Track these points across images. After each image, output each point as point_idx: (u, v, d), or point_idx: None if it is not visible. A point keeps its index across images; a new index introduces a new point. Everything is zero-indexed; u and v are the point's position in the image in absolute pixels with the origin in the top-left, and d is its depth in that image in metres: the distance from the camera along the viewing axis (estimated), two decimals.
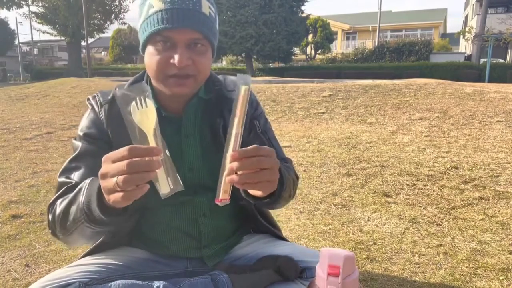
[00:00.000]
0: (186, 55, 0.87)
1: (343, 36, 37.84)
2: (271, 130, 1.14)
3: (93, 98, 1.01)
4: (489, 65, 16.17)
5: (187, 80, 0.90)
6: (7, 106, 7.55)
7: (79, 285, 0.88)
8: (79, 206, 0.82)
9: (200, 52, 0.90)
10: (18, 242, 1.89)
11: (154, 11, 0.86)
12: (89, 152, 0.96)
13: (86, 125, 0.99)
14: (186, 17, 0.86)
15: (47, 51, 48.68)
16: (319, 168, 3.16)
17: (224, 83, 1.07)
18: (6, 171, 3.18)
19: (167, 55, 0.87)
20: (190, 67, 0.88)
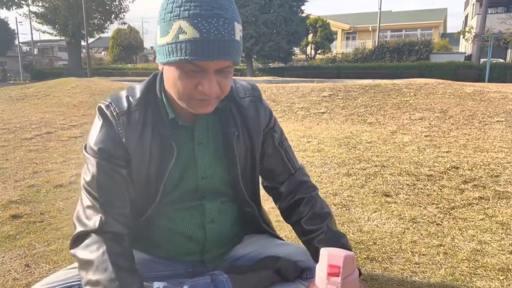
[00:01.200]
0: (214, 81, 0.84)
1: (343, 36, 37.83)
2: (286, 139, 1.15)
3: (107, 107, 0.93)
4: (489, 65, 16.17)
5: (212, 100, 0.87)
6: (7, 106, 7.55)
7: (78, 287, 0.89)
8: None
9: (226, 75, 0.86)
10: (18, 242, 1.89)
11: (186, 39, 0.79)
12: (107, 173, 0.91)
13: (100, 139, 0.92)
14: (221, 49, 0.80)
15: (47, 51, 48.67)
16: (319, 168, 3.16)
17: (235, 88, 1.04)
18: (6, 171, 3.18)
19: (195, 80, 0.83)
20: (217, 91, 0.86)
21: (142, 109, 0.93)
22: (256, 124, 1.02)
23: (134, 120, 0.92)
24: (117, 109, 0.93)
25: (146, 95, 0.95)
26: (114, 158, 0.92)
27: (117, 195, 0.91)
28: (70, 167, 3.29)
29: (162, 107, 0.94)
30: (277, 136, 1.09)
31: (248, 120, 1.01)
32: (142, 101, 0.94)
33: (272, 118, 1.10)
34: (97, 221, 0.88)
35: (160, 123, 0.93)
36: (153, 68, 26.02)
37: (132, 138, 0.92)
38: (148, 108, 0.94)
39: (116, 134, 0.92)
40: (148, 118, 0.93)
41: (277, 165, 1.10)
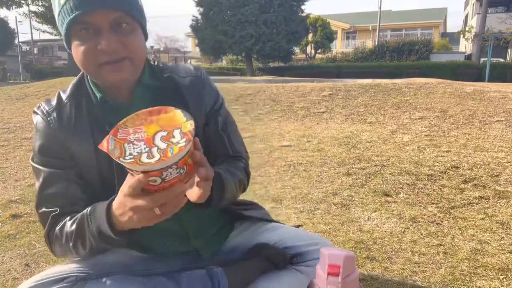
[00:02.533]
0: (113, 38, 0.80)
1: (343, 35, 37.82)
2: (232, 123, 1.09)
3: (38, 108, 0.94)
4: (489, 65, 16.17)
5: (122, 63, 0.83)
6: (7, 105, 7.54)
7: (76, 278, 0.90)
8: (91, 236, 0.83)
9: (127, 32, 0.83)
10: (18, 241, 1.89)
11: (64, 1, 0.79)
12: (56, 176, 0.90)
13: (40, 143, 0.91)
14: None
15: (47, 50, 48.65)
16: (319, 167, 3.16)
17: (176, 69, 1.01)
18: (6, 170, 3.18)
19: (92, 42, 0.81)
20: (121, 50, 0.82)
21: (74, 100, 0.92)
22: (197, 104, 0.99)
23: (66, 113, 0.91)
24: (46, 107, 0.93)
25: (77, 85, 0.95)
26: (57, 158, 0.91)
27: (71, 202, 0.91)
28: None
29: (91, 92, 0.92)
30: (221, 120, 1.05)
31: (188, 100, 0.97)
32: (73, 93, 0.94)
33: (218, 100, 1.05)
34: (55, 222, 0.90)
35: (93, 110, 0.91)
36: None
37: (67, 131, 0.90)
38: (82, 98, 0.93)
39: (51, 132, 0.90)
40: (82, 108, 0.91)
41: (216, 148, 1.04)
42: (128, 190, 0.70)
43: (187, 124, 0.72)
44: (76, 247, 0.87)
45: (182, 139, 0.69)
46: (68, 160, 0.91)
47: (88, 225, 0.82)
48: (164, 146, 0.69)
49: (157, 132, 0.71)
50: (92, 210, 0.83)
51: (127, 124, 0.73)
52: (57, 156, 0.91)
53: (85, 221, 0.83)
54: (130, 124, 0.73)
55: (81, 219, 0.84)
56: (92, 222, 0.82)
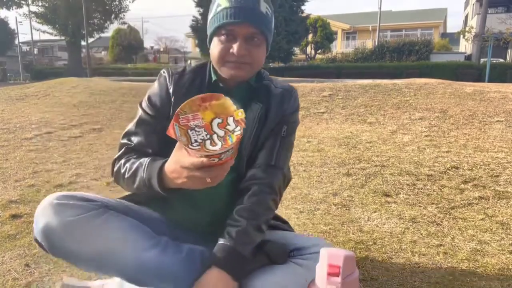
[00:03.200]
0: (244, 46, 1.04)
1: (343, 35, 37.82)
2: (291, 141, 1.23)
3: (166, 69, 1.20)
4: (489, 65, 16.17)
5: (243, 65, 1.06)
6: (7, 106, 7.55)
7: (101, 205, 1.04)
8: (141, 180, 1.03)
9: (256, 44, 1.06)
10: (18, 241, 1.89)
11: (220, 9, 1.05)
12: (147, 122, 1.14)
13: (152, 93, 1.16)
14: (246, 14, 1.02)
15: (47, 51, 48.66)
16: (319, 168, 3.16)
17: (273, 81, 1.23)
18: (6, 171, 3.18)
19: (228, 45, 1.05)
20: (246, 56, 1.05)
21: (192, 74, 1.17)
22: (277, 108, 1.17)
23: (183, 80, 1.15)
24: (172, 70, 1.19)
25: (200, 67, 1.20)
26: (157, 110, 1.14)
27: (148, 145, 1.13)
28: (70, 167, 3.29)
29: (208, 74, 1.16)
30: (285, 129, 1.19)
31: (272, 105, 1.16)
32: (195, 70, 1.19)
33: (294, 113, 1.21)
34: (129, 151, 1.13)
35: (203, 86, 1.15)
36: (153, 68, 25.97)
37: (177, 91, 1.13)
38: (198, 75, 1.17)
39: (166, 86, 1.15)
40: (196, 82, 1.16)
41: (265, 149, 1.16)
42: (189, 164, 0.85)
43: (238, 112, 0.85)
44: (128, 180, 1.08)
45: (237, 127, 0.83)
46: (163, 114, 1.13)
47: (143, 171, 1.02)
48: (223, 134, 0.82)
49: (214, 119, 0.84)
50: (151, 162, 1.03)
51: (185, 111, 0.86)
52: (158, 107, 1.14)
53: (142, 168, 1.04)
54: (188, 110, 0.86)
55: (140, 163, 1.05)
56: (146, 172, 1.02)
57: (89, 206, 1.00)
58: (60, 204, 1.00)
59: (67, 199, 1.01)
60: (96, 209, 1.01)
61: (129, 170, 1.07)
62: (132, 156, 1.11)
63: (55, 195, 1.03)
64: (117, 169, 1.12)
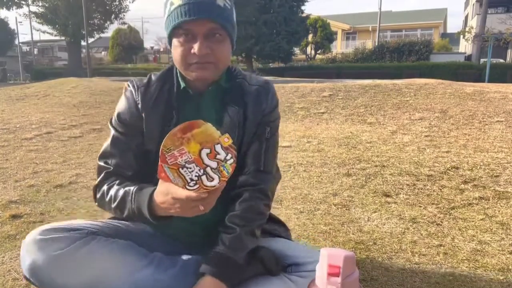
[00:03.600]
0: (205, 44, 0.97)
1: (343, 36, 37.83)
2: (275, 141, 1.19)
3: (131, 82, 1.14)
4: (489, 65, 16.17)
5: (208, 65, 1.00)
6: (7, 106, 7.55)
7: (87, 232, 1.00)
8: (130, 210, 1.00)
9: (218, 41, 0.99)
10: (18, 242, 1.89)
11: (174, 8, 0.97)
12: (120, 141, 1.10)
13: (121, 109, 1.11)
14: (201, 9, 0.95)
15: (47, 51, 48.66)
16: (319, 168, 3.16)
17: (248, 76, 1.16)
18: (6, 171, 3.18)
19: (188, 46, 0.99)
20: (210, 55, 0.99)
21: (160, 83, 1.11)
22: (255, 109, 1.11)
23: (150, 92, 1.09)
24: (138, 82, 1.13)
25: (166, 72, 1.13)
26: (129, 127, 1.09)
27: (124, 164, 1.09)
28: (70, 167, 3.29)
29: (176, 81, 1.10)
30: (269, 130, 1.15)
31: (248, 103, 1.10)
32: (161, 77, 1.12)
33: (274, 112, 1.16)
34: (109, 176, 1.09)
35: (172, 94, 1.09)
36: (153, 68, 25.98)
37: (146, 105, 1.08)
38: (166, 82, 1.11)
39: (134, 102, 1.09)
40: (164, 91, 1.10)
41: (252, 153, 1.12)
42: (185, 197, 0.83)
43: (224, 138, 0.82)
44: (116, 210, 1.04)
45: (228, 155, 0.81)
46: (135, 130, 1.09)
47: (131, 200, 0.99)
48: (216, 165, 0.80)
49: (201, 150, 0.81)
50: (137, 191, 0.99)
51: (169, 147, 0.82)
52: (129, 124, 1.09)
53: (129, 196, 1.00)
54: (171, 145, 0.82)
55: (127, 192, 1.01)
56: (134, 202, 0.99)
57: (74, 236, 0.97)
58: (43, 240, 0.96)
59: (50, 232, 0.97)
60: (82, 238, 0.97)
61: (115, 199, 1.03)
62: (113, 181, 1.07)
63: (38, 230, 0.98)
64: (100, 197, 1.08)
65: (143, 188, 0.99)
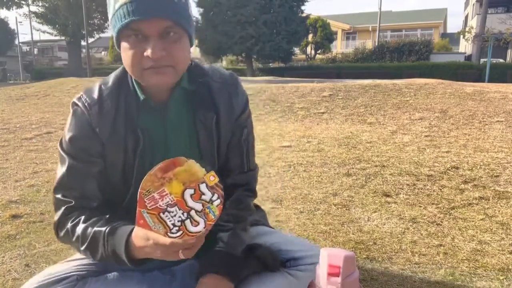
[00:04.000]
0: (159, 46, 0.83)
1: (343, 36, 37.82)
2: (252, 135, 1.13)
3: (79, 99, 0.96)
4: (489, 65, 16.17)
5: (166, 69, 0.86)
6: (7, 106, 7.55)
7: (77, 278, 0.93)
8: (104, 253, 0.88)
9: (173, 40, 0.86)
10: (18, 242, 1.89)
11: (119, 5, 0.83)
12: (79, 169, 0.94)
13: (73, 134, 0.94)
14: (152, 6, 0.82)
15: (47, 51, 48.65)
16: (319, 168, 3.16)
17: (212, 73, 1.04)
18: (6, 171, 3.18)
19: (140, 48, 0.84)
20: (166, 58, 0.85)
21: (114, 96, 0.95)
22: (228, 111, 1.02)
23: (106, 109, 0.93)
24: (88, 99, 0.94)
25: (119, 82, 0.97)
26: (86, 153, 0.94)
27: (86, 196, 0.96)
28: None
29: (133, 91, 0.95)
30: (246, 131, 1.08)
31: (219, 106, 1.00)
32: (114, 88, 0.96)
33: (246, 109, 1.08)
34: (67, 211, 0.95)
35: (131, 109, 0.94)
36: None
37: (105, 127, 0.93)
38: (121, 94, 0.95)
39: (89, 125, 0.93)
40: (121, 105, 0.94)
41: (234, 158, 1.07)
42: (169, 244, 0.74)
43: (210, 176, 0.74)
44: (85, 252, 0.92)
45: (214, 196, 0.73)
46: (94, 156, 0.94)
47: (104, 244, 0.87)
48: (201, 207, 0.72)
49: (184, 191, 0.73)
50: (110, 233, 0.87)
51: (148, 190, 0.73)
52: (86, 150, 0.94)
53: (101, 239, 0.88)
54: (151, 187, 0.73)
55: (97, 234, 0.88)
56: (107, 245, 0.87)
57: (66, 287, 0.91)
58: None
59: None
60: (73, 286, 0.92)
61: (83, 241, 0.90)
62: (77, 217, 0.93)
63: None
64: (64, 235, 0.95)
65: (116, 229, 0.88)
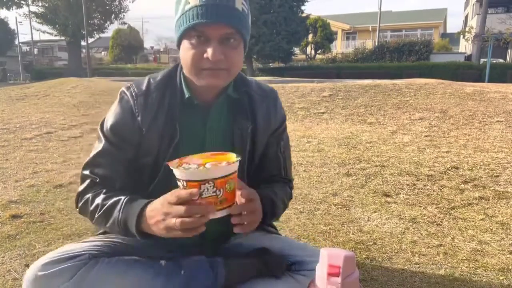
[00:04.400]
0: (219, 49, 0.89)
1: (343, 36, 37.83)
2: (289, 149, 1.20)
3: (128, 89, 1.03)
4: (489, 65, 16.17)
5: (220, 72, 0.93)
6: (7, 106, 7.55)
7: (89, 256, 0.96)
8: (115, 221, 0.94)
9: (232, 46, 0.92)
10: (18, 242, 1.89)
11: (189, 7, 0.89)
12: (111, 153, 1.01)
13: (115, 120, 1.01)
14: (220, 13, 0.88)
15: (47, 51, 48.66)
16: (319, 168, 3.16)
17: (254, 85, 1.11)
18: (6, 171, 3.18)
19: (201, 49, 0.90)
20: (223, 61, 0.91)
21: (160, 91, 1.01)
22: (265, 123, 1.08)
23: (151, 101, 1.00)
24: (136, 90, 1.01)
25: (167, 78, 1.04)
26: (124, 140, 1.01)
27: (113, 179, 1.02)
28: (70, 167, 3.29)
29: (179, 89, 1.01)
30: (283, 144, 1.14)
31: (258, 117, 1.06)
32: (161, 83, 1.02)
33: (282, 125, 1.14)
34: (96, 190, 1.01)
35: (175, 104, 1.00)
36: (153, 68, 25.99)
37: (147, 118, 0.99)
38: (167, 89, 1.02)
39: (131, 114, 1.00)
40: (165, 99, 1.00)
41: (273, 169, 1.14)
42: (172, 198, 0.80)
43: (234, 158, 0.83)
44: (99, 219, 0.98)
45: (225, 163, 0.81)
46: (129, 144, 1.00)
47: (119, 211, 0.93)
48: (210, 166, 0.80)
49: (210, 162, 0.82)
50: (128, 201, 0.93)
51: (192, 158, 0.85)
52: (123, 137, 1.00)
53: (118, 206, 0.94)
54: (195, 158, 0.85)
55: (115, 202, 0.95)
56: (122, 212, 0.93)
57: (76, 264, 0.93)
58: (44, 276, 0.90)
59: (51, 266, 0.91)
60: (85, 265, 0.93)
61: (101, 208, 0.96)
62: (99, 190, 1.00)
63: (38, 265, 0.91)
64: (83, 205, 1.01)
65: (134, 200, 0.93)
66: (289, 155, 1.18)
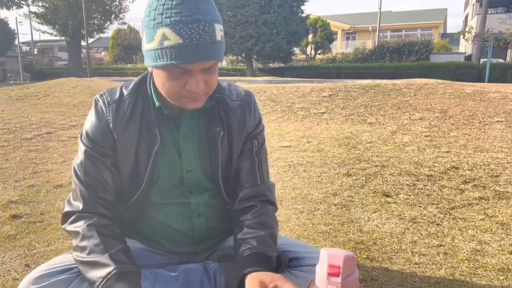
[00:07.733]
0: (201, 80, 0.89)
1: (343, 36, 37.83)
2: (265, 152, 1.16)
3: (101, 96, 1.03)
4: (489, 65, 16.17)
5: (202, 96, 0.93)
6: (7, 106, 7.55)
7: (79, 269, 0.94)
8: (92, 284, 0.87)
9: (212, 71, 0.92)
10: (18, 242, 1.89)
11: (170, 45, 0.84)
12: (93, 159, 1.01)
13: (91, 127, 1.02)
14: (204, 52, 0.86)
15: (47, 51, 48.66)
16: (319, 168, 3.16)
17: (228, 90, 1.09)
18: (6, 171, 3.18)
19: (182, 81, 0.89)
20: (204, 88, 0.91)
21: (133, 99, 1.01)
22: (240, 128, 1.07)
23: (123, 109, 1.00)
24: (109, 98, 1.02)
25: (139, 86, 1.03)
26: (100, 146, 1.00)
27: (100, 183, 1.00)
28: (70, 167, 3.29)
29: (150, 97, 1.01)
30: (256, 143, 1.11)
31: (232, 122, 1.05)
32: (133, 91, 1.02)
33: (259, 126, 1.12)
34: (81, 204, 0.98)
35: (148, 112, 1.01)
36: None
37: (119, 124, 0.99)
38: (139, 98, 1.02)
39: (104, 121, 1.00)
40: (138, 107, 1.01)
41: (246, 170, 1.09)
42: None
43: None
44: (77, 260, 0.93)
45: None
46: (108, 150, 1.01)
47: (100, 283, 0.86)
48: None
49: None
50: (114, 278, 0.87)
51: None
52: (100, 143, 1.01)
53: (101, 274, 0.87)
54: None
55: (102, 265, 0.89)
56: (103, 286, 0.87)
57: (69, 277, 0.91)
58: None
59: (43, 279, 0.90)
60: (77, 277, 0.92)
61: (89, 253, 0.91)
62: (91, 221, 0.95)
63: (30, 279, 0.90)
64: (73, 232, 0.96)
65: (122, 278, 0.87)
66: (265, 158, 1.14)
